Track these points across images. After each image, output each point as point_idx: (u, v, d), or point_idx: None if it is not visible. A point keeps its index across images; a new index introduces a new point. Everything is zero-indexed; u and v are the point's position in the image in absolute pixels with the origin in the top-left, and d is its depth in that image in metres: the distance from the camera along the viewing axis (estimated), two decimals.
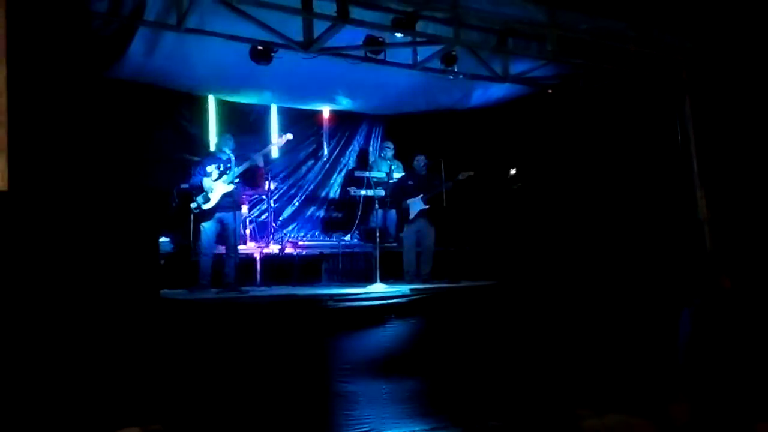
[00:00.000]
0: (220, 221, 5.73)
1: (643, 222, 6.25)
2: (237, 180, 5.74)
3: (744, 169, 5.77)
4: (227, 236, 5.75)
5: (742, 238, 5.69)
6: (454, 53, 5.87)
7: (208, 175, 5.72)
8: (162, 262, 5.90)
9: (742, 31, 5.63)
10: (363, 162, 8.64)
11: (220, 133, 6.95)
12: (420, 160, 7.00)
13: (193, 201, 5.71)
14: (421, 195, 6.82)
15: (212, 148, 6.96)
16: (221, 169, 5.74)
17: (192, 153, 6.74)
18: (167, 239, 6.39)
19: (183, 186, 6.36)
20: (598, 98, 6.68)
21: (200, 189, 5.69)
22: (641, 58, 6.05)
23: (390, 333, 5.03)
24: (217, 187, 5.69)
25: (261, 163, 5.98)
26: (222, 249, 5.82)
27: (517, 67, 6.40)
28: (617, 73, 6.13)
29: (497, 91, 7.11)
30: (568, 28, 5.69)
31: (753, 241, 5.59)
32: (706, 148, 6.08)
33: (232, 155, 5.74)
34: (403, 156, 7.80)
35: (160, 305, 4.16)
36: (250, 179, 6.12)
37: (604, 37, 5.83)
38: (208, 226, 5.70)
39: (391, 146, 8.02)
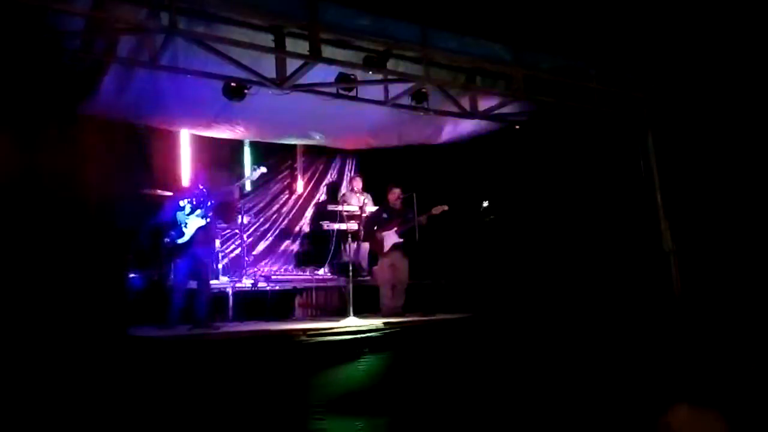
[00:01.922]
0: (194, 256, 5.67)
1: (611, 253, 6.39)
2: (210, 214, 5.73)
3: (706, 200, 5.97)
4: (200, 271, 5.69)
5: (707, 267, 5.85)
6: (424, 90, 6.00)
7: (182, 209, 5.69)
8: (132, 298, 5.82)
9: (700, 69, 5.89)
10: (335, 196, 8.70)
11: (194, 168, 6.97)
12: (396, 193, 7.08)
13: (165, 236, 5.66)
14: (395, 228, 6.87)
15: (184, 182, 6.95)
16: (194, 203, 5.72)
17: (164, 188, 6.71)
18: (137, 275, 6.30)
19: (154, 221, 6.30)
20: (565, 134, 6.87)
21: (174, 224, 5.65)
22: (604, 95, 6.27)
23: (364, 367, 5.00)
24: (191, 221, 5.66)
25: (235, 197, 5.99)
26: (193, 284, 5.76)
27: (485, 104, 6.56)
28: (582, 109, 6.33)
29: (467, 126, 7.25)
30: (532, 67, 5.89)
31: (717, 269, 5.75)
32: (669, 181, 6.28)
33: (204, 190, 5.75)
34: (375, 189, 7.88)
35: (127, 343, 4.09)
36: (222, 213, 6.11)
37: (568, 76, 6.05)
38: (181, 262, 5.64)
39: (360, 180, 8.10)
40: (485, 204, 7.72)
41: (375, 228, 6.99)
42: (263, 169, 6.37)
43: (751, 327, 5.17)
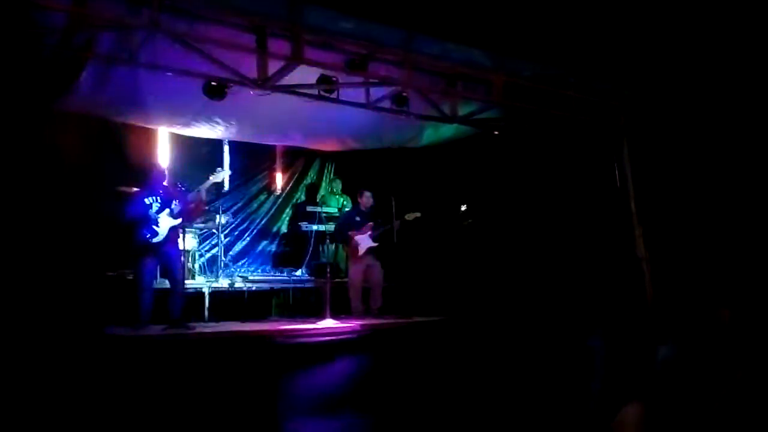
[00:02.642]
0: (165, 255, 5.59)
1: (585, 258, 6.49)
2: (180, 213, 5.65)
3: (679, 208, 6.10)
4: (173, 270, 5.61)
5: (679, 275, 5.97)
6: (405, 94, 6.04)
7: (149, 207, 5.60)
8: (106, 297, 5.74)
9: (675, 80, 6.02)
10: (314, 197, 8.69)
11: (158, 166, 6.85)
12: (367, 197, 7.10)
13: (138, 234, 5.56)
14: (369, 232, 6.89)
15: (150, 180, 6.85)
16: (160, 201, 5.63)
17: (140, 186, 6.62)
18: (111, 274, 6.21)
19: (125, 219, 6.20)
20: (543, 140, 6.97)
21: (145, 221, 5.56)
22: (582, 103, 6.38)
23: (340, 369, 5.02)
24: (163, 220, 5.59)
25: (204, 197, 5.93)
26: (165, 283, 5.69)
27: (465, 109, 6.63)
28: (559, 116, 6.43)
29: (447, 130, 7.31)
30: (512, 74, 5.97)
31: (689, 276, 5.88)
32: (643, 188, 6.41)
33: (181, 188, 5.69)
34: (354, 191, 7.90)
35: (104, 342, 4.05)
36: (186, 214, 6.02)
37: (547, 84, 6.14)
38: (150, 261, 5.53)
39: (339, 181, 8.10)
40: (463, 208, 7.78)
41: (348, 231, 7.00)
42: (228, 171, 6.34)
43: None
